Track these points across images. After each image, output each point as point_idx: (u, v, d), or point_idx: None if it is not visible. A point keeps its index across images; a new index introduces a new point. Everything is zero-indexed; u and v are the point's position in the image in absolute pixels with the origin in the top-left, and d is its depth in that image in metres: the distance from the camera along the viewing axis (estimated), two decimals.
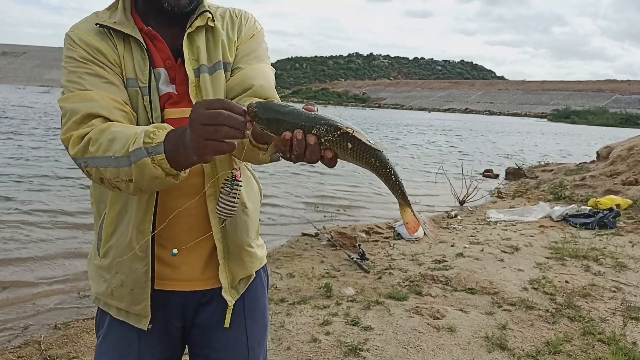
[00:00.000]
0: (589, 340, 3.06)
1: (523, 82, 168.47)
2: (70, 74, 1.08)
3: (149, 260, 1.13)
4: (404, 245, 5.29)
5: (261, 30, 1.28)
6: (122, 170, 0.96)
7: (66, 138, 1.03)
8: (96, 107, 1.03)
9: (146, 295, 1.15)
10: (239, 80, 1.16)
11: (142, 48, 1.11)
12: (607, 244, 5.32)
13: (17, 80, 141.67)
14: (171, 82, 1.15)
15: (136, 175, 0.95)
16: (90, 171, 1.01)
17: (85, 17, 1.17)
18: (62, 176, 8.47)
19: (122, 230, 1.14)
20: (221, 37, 1.19)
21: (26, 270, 4.31)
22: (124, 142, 0.95)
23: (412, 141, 22.91)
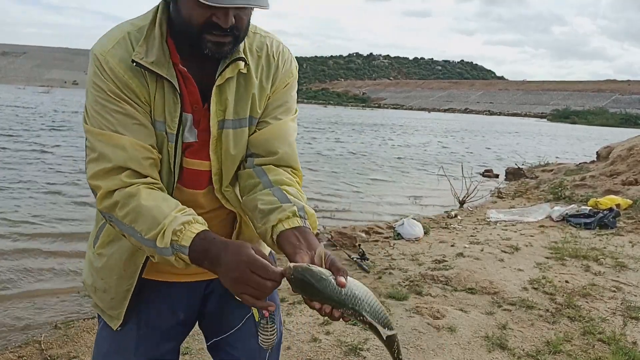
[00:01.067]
0: (589, 340, 3.06)
1: (523, 83, 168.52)
2: (99, 106, 1.03)
3: (134, 281, 1.15)
4: (404, 245, 5.29)
5: (296, 74, 1.21)
6: (146, 248, 0.99)
7: (95, 186, 1.03)
8: (127, 159, 1.00)
9: (123, 306, 1.18)
10: (265, 140, 1.13)
11: (175, 92, 1.05)
12: (607, 244, 5.32)
13: (17, 80, 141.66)
14: (194, 125, 1.10)
15: (158, 258, 0.99)
16: (114, 227, 1.04)
17: (113, 35, 1.06)
18: (60, 174, 8.48)
19: (118, 247, 1.15)
20: (253, 90, 1.12)
21: (26, 269, 4.31)
22: (152, 225, 0.96)
23: (409, 141, 22.92)
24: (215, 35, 0.99)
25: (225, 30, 0.98)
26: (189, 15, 0.98)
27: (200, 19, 0.97)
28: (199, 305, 1.30)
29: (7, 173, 8.38)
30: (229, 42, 1.01)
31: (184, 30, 1.02)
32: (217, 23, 0.97)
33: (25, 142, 12.66)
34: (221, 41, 1.00)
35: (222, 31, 0.98)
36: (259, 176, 1.11)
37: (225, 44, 1.01)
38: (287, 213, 1.00)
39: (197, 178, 1.14)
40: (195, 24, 0.98)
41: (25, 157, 10.24)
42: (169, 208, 0.98)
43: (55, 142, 13.10)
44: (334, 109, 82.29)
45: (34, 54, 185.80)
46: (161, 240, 0.95)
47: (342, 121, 39.03)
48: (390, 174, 11.85)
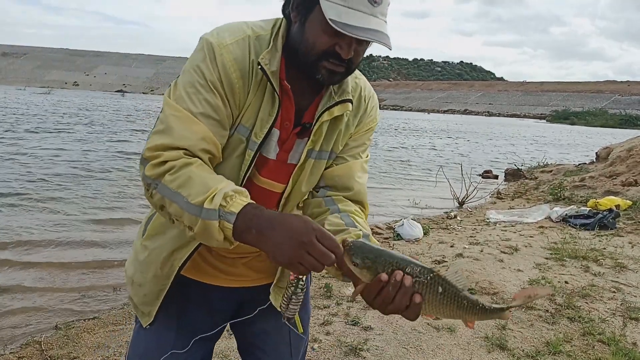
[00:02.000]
0: (589, 341, 3.06)
1: (522, 83, 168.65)
2: (193, 89, 1.02)
3: (168, 283, 1.16)
4: (403, 245, 5.30)
5: (378, 118, 1.25)
6: (187, 215, 0.94)
7: (149, 156, 0.99)
8: (192, 144, 0.99)
9: (155, 305, 1.19)
10: (342, 175, 1.17)
11: (274, 105, 1.05)
12: (606, 245, 5.32)
13: (17, 81, 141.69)
14: (278, 143, 1.11)
15: (198, 228, 0.93)
16: (155, 195, 0.99)
17: (235, 32, 1.06)
18: (63, 176, 8.48)
19: (160, 243, 1.15)
20: (341, 126, 1.15)
21: (26, 269, 4.31)
22: (201, 190, 0.93)
23: (409, 142, 22.94)
24: (331, 64, 1.01)
25: (343, 60, 1.00)
26: (314, 40, 1.00)
27: (324, 46, 0.99)
28: (234, 311, 1.30)
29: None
30: (341, 72, 1.03)
31: (302, 53, 1.03)
32: (339, 52, 0.99)
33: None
34: (336, 70, 1.02)
35: (340, 61, 1.01)
36: (329, 205, 1.16)
37: (338, 73, 1.03)
38: (352, 235, 1.02)
39: (267, 198, 1.14)
40: (317, 49, 1.00)
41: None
42: (221, 179, 0.97)
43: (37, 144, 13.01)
44: None
45: (34, 55, 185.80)
46: (209, 202, 0.91)
47: None
48: (390, 175, 11.86)
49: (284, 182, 1.14)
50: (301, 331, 1.26)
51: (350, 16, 0.94)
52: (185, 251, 1.12)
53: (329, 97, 1.10)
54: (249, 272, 1.25)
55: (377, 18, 0.96)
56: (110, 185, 8.03)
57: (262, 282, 1.26)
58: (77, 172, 9.03)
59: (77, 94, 68.12)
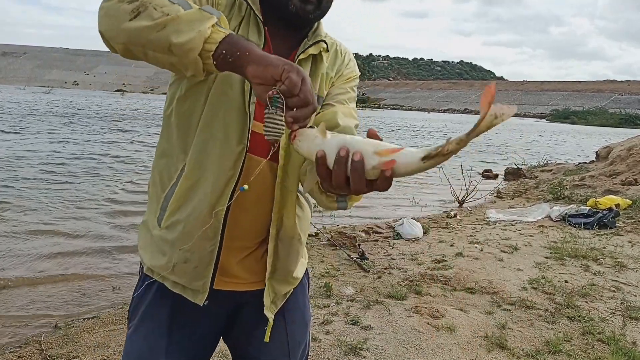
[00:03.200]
0: (589, 340, 3.07)
1: (522, 83, 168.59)
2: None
3: (217, 240, 1.12)
4: (403, 244, 5.30)
5: (358, 75, 1.29)
6: (174, 7, 0.87)
7: None
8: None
9: (208, 272, 1.14)
10: (328, 117, 1.16)
11: (260, 35, 1.08)
12: (606, 244, 5.32)
13: (17, 80, 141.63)
14: None
15: (185, 16, 0.87)
16: (135, 12, 0.89)
17: None
18: (62, 175, 8.48)
19: (193, 207, 1.10)
20: (322, 70, 1.18)
21: (26, 269, 4.31)
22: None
23: (408, 142, 22.91)
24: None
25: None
26: None
27: None
28: (229, 317, 1.27)
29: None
30: (313, 3, 1.08)
31: None
32: None
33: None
34: (307, 0, 1.07)
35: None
36: None
37: (310, 3, 1.08)
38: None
39: (263, 143, 1.08)
40: None
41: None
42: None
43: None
44: None
45: (34, 54, 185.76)
46: (208, 7, 0.90)
47: None
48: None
49: None
50: (267, 340, 1.22)
51: None
52: (225, 197, 1.09)
53: (304, 44, 1.14)
54: (244, 274, 1.22)
55: None
56: (107, 186, 8.03)
57: (257, 287, 1.22)
58: (76, 168, 9.04)
59: (75, 93, 68.08)
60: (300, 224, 1.23)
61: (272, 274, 1.20)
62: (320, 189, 1.02)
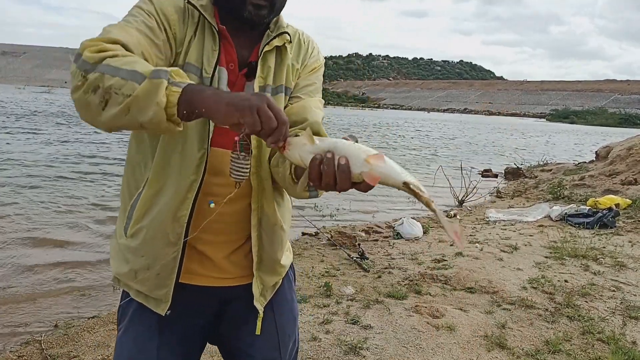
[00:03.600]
0: (589, 340, 3.07)
1: (522, 83, 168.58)
2: (130, 16, 1.07)
3: (180, 247, 1.13)
4: (403, 244, 5.30)
5: (323, 63, 1.31)
6: (130, 83, 0.88)
7: (86, 44, 0.94)
8: (129, 40, 0.98)
9: (171, 280, 1.14)
10: (297, 111, 1.19)
11: (215, 40, 1.11)
12: (606, 244, 5.32)
13: (17, 80, 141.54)
14: (229, 85, 1.14)
15: (141, 92, 0.87)
16: (91, 77, 0.91)
17: None
18: (62, 176, 8.48)
19: (156, 213, 1.12)
20: (288, 62, 1.20)
21: (26, 269, 4.31)
22: (147, 66, 0.91)
23: (408, 142, 22.93)
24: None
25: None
26: None
27: None
28: (217, 313, 1.27)
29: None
30: (266, 6, 1.11)
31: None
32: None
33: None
34: (260, 4, 1.09)
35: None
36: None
37: (264, 7, 1.10)
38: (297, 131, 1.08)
39: (228, 135, 1.08)
40: None
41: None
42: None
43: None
44: (334, 109, 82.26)
45: (34, 54, 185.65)
46: (156, 71, 0.89)
47: (338, 121, 39.02)
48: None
49: None
50: (258, 333, 1.23)
51: None
52: (188, 202, 1.10)
53: (267, 36, 1.16)
54: (232, 268, 1.22)
55: None
56: (103, 184, 8.03)
57: (245, 281, 1.23)
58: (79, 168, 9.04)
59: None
60: (281, 211, 1.24)
61: (259, 265, 1.22)
62: (293, 181, 1.08)
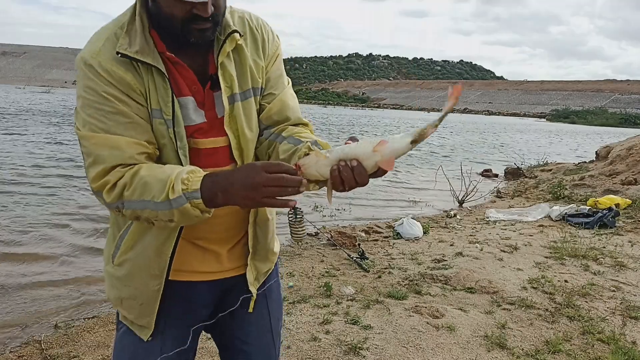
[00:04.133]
0: (589, 340, 3.07)
1: (522, 83, 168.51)
2: (92, 109, 1.05)
3: (163, 280, 1.17)
4: (403, 244, 5.30)
5: (279, 41, 1.27)
6: (161, 213, 1.01)
7: (98, 187, 1.05)
8: (124, 157, 1.04)
9: (153, 310, 1.19)
10: (277, 110, 1.20)
11: (164, 78, 1.07)
12: (606, 244, 5.32)
13: (17, 80, 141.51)
14: (199, 107, 1.13)
15: (176, 217, 1.01)
16: (126, 212, 1.05)
17: (100, 36, 1.09)
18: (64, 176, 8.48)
19: (142, 247, 1.16)
20: (248, 62, 1.17)
21: (26, 269, 4.31)
22: (160, 187, 0.99)
23: None
24: (198, 24, 1.04)
25: (208, 18, 1.03)
26: (170, 11, 1.02)
27: (182, 13, 1.02)
28: (217, 303, 1.32)
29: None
30: (210, 28, 1.06)
31: (167, 25, 1.06)
32: (198, 14, 1.02)
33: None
34: (204, 27, 1.05)
35: (204, 19, 1.03)
36: (274, 139, 1.20)
37: (208, 29, 1.06)
38: (303, 150, 1.09)
39: (216, 155, 1.15)
40: (178, 18, 1.03)
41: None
42: (170, 168, 1.03)
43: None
44: (334, 109, 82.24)
45: (34, 54, 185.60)
46: (172, 193, 0.98)
47: (335, 120, 38.98)
48: (389, 174, 11.85)
49: (225, 134, 1.15)
50: (251, 311, 1.29)
51: None
52: (171, 240, 1.14)
53: (217, 42, 1.13)
54: (232, 260, 1.27)
55: None
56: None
57: (241, 271, 1.28)
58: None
59: (75, 93, 67.84)
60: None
61: (254, 255, 1.27)
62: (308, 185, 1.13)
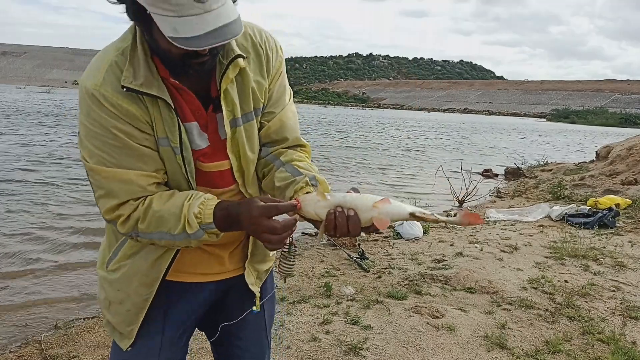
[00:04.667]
0: (589, 340, 3.06)
1: (522, 82, 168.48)
2: (100, 142, 1.04)
3: (154, 290, 1.18)
4: (403, 244, 5.30)
5: (282, 55, 1.23)
6: (179, 242, 1.08)
7: (111, 218, 1.08)
8: (135, 190, 1.06)
9: (138, 319, 1.20)
10: (275, 130, 1.20)
11: (169, 107, 1.06)
12: (606, 244, 5.32)
13: (17, 80, 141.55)
14: (203, 130, 1.13)
15: (194, 244, 1.08)
16: (142, 240, 1.11)
17: (101, 63, 1.06)
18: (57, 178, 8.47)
19: (140, 257, 1.17)
20: (251, 84, 1.15)
21: (26, 269, 4.31)
22: (175, 221, 1.05)
23: (407, 142, 22.91)
24: (197, 59, 1.00)
25: (206, 54, 1.00)
26: (168, 49, 0.98)
27: (180, 51, 0.97)
28: (215, 301, 1.34)
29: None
30: (210, 60, 1.03)
31: (165, 59, 1.03)
32: (196, 51, 0.97)
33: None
34: (204, 61, 1.02)
35: (202, 55, 1.00)
36: (273, 161, 1.20)
37: (207, 62, 1.02)
38: (300, 184, 1.11)
39: (222, 178, 1.18)
40: (175, 56, 1.00)
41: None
42: (180, 199, 1.07)
43: None
44: (334, 109, 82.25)
45: (34, 54, 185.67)
46: (190, 228, 1.04)
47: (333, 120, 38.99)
48: (389, 174, 11.86)
49: (228, 157, 1.16)
50: (258, 309, 1.31)
51: (186, 26, 0.90)
52: (169, 253, 1.16)
53: (220, 65, 1.09)
54: (233, 261, 1.30)
55: (212, 11, 0.92)
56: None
57: (240, 272, 1.30)
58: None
59: (75, 93, 67.91)
60: None
61: (252, 257, 1.29)
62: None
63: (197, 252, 1.23)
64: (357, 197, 1.06)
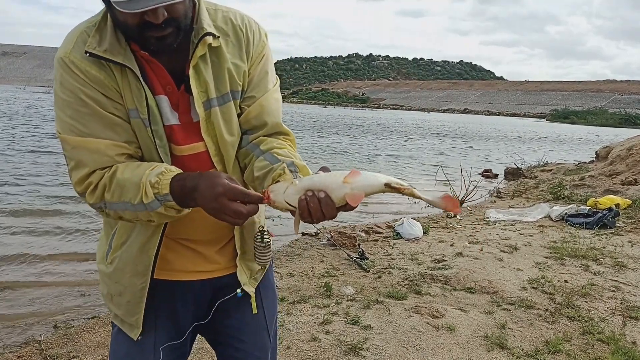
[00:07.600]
0: (589, 340, 3.07)
1: (522, 83, 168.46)
2: (71, 110, 1.05)
3: (148, 278, 1.17)
4: (403, 244, 5.30)
5: (267, 42, 1.22)
6: (140, 213, 1.04)
7: (81, 190, 1.08)
8: (104, 160, 1.05)
9: (140, 309, 1.20)
10: (255, 115, 1.18)
11: (137, 78, 1.05)
12: (606, 244, 5.32)
13: (17, 80, 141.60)
14: (174, 108, 1.11)
15: (155, 217, 1.05)
16: (109, 212, 1.09)
17: (73, 34, 1.08)
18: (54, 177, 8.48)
19: (130, 244, 1.17)
20: (227, 64, 1.13)
21: (26, 269, 4.31)
22: (135, 190, 1.02)
23: (408, 142, 22.91)
24: (154, 32, 0.99)
25: (161, 25, 0.98)
26: (124, 19, 0.98)
27: (134, 21, 0.97)
28: (210, 301, 1.32)
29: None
30: (170, 34, 1.01)
31: (124, 33, 1.04)
32: (150, 21, 0.97)
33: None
34: (161, 35, 1.00)
35: (159, 27, 0.98)
36: (252, 150, 1.17)
37: (167, 36, 1.01)
38: (278, 171, 1.05)
39: (198, 161, 1.15)
40: (131, 27, 0.99)
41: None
42: (143, 169, 1.04)
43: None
44: (334, 110, 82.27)
45: (34, 54, 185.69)
46: (146, 197, 1.01)
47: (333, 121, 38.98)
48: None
49: (203, 139, 1.14)
50: (255, 312, 1.29)
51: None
52: (155, 238, 1.14)
53: (192, 44, 1.08)
54: (222, 259, 1.28)
55: None
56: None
57: (233, 270, 1.28)
58: None
59: None
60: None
61: (243, 256, 1.27)
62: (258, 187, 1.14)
63: (180, 249, 1.22)
64: (325, 176, 0.98)
